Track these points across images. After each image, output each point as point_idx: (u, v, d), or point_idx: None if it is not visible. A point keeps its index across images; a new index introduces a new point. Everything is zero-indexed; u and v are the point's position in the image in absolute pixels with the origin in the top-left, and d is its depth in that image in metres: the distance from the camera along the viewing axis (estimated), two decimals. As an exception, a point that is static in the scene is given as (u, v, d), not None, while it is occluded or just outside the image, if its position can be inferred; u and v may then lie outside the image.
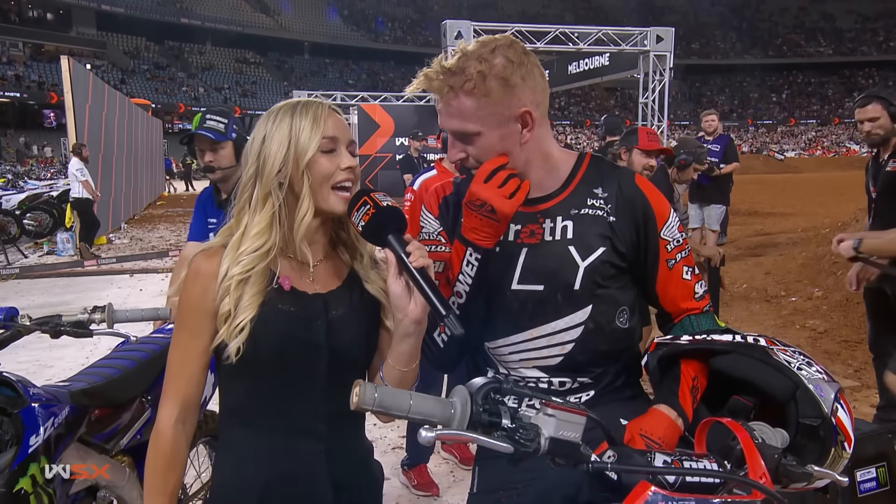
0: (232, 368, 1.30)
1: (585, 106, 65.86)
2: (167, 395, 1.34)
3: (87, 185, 11.57)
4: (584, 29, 13.97)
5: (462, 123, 1.38)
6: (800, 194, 17.51)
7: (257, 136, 1.36)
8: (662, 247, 1.48)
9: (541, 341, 1.46)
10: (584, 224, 1.45)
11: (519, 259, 1.46)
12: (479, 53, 1.36)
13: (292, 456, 1.35)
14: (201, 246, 1.37)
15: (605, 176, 1.51)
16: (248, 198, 1.35)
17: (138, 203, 19.43)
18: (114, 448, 2.16)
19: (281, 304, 1.31)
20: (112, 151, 15.23)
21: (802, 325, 6.31)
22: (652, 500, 0.91)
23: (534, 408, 0.96)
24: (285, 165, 1.31)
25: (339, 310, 1.37)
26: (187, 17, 57.71)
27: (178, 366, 1.34)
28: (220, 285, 1.30)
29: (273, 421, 1.35)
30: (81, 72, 13.24)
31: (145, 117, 22.57)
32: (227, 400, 1.39)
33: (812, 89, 69.38)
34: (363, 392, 0.91)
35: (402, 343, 1.29)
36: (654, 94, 13.47)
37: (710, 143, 8.41)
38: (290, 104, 1.37)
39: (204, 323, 1.31)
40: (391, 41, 65.87)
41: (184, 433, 1.34)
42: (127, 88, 44.53)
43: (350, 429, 1.43)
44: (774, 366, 1.25)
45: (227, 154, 2.81)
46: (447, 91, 1.37)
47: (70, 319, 2.01)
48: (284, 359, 1.31)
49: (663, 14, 65.78)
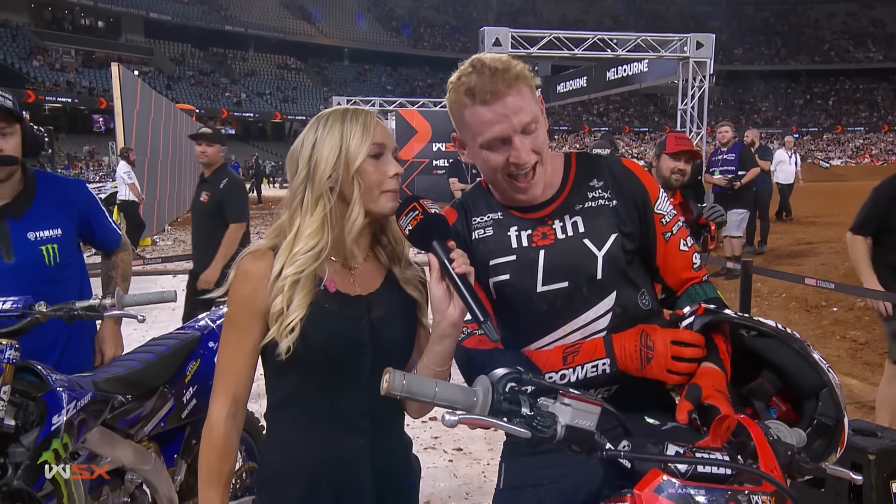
0: (281, 365, 1.36)
1: (624, 112, 65.18)
2: (218, 391, 1.41)
3: (134, 187, 11.94)
4: (623, 35, 13.89)
5: (530, 111, 1.42)
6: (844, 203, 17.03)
7: (307, 140, 1.41)
8: (658, 220, 1.56)
9: (575, 335, 1.52)
10: (591, 216, 1.52)
11: (539, 262, 1.51)
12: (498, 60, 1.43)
13: (338, 448, 1.42)
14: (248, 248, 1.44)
15: (594, 166, 1.59)
16: (300, 201, 1.40)
17: (181, 206, 19.90)
18: (138, 434, 2.27)
19: (328, 305, 1.38)
20: (158, 155, 15.67)
21: (843, 335, 6.19)
22: (663, 487, 0.96)
23: (552, 397, 1.02)
24: (336, 170, 1.37)
25: (380, 310, 1.44)
26: (231, 24, 58.94)
27: (227, 363, 1.41)
28: (272, 285, 1.36)
29: (320, 415, 1.42)
30: (130, 78, 13.67)
31: (190, 122, 23.10)
32: (276, 394, 1.45)
33: (860, 96, 67.42)
34: (392, 378, 0.99)
35: (439, 344, 1.35)
36: (694, 100, 13.31)
37: (724, 153, 8.45)
38: (340, 111, 1.43)
39: (253, 322, 1.38)
40: (430, 47, 66.18)
41: (235, 426, 1.41)
42: (172, 94, 45.66)
43: (391, 424, 1.51)
44: (809, 361, 1.30)
45: (16, 143, 2.19)
46: (510, 82, 1.40)
47: (83, 305, 2.12)
48: (331, 356, 1.38)
49: (705, 20, 64.69)
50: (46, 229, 2.27)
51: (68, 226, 2.34)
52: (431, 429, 4.22)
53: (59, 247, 2.29)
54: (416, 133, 20.63)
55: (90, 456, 2.05)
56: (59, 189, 2.37)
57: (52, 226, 2.28)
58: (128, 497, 2.28)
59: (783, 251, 10.25)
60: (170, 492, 2.38)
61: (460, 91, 1.43)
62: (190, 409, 2.46)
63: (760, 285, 7.64)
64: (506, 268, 1.53)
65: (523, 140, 1.43)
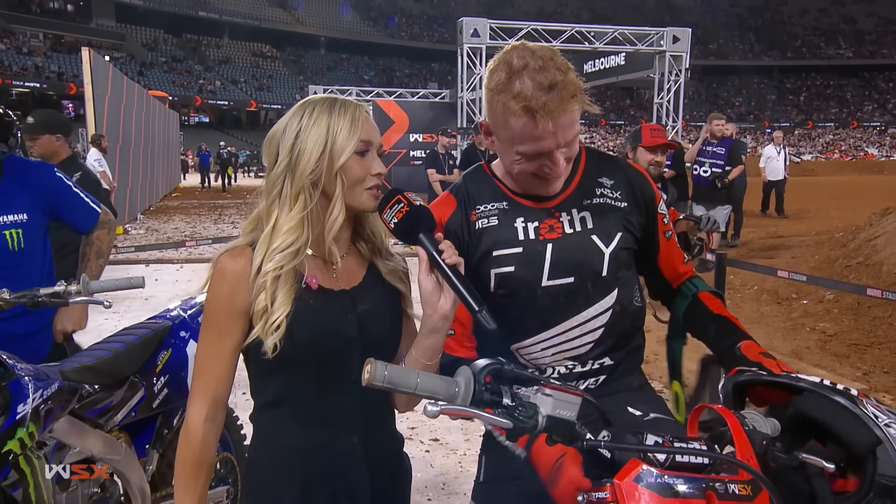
0: (267, 365, 1.31)
1: (601, 105, 65.23)
2: (196, 393, 1.36)
3: (105, 175, 11.70)
4: (601, 28, 13.96)
5: (577, 126, 1.39)
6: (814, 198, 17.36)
7: (290, 127, 1.34)
8: (660, 221, 1.59)
9: (574, 332, 1.51)
10: (600, 213, 1.52)
11: (546, 255, 1.49)
12: (547, 58, 1.34)
13: (330, 446, 1.38)
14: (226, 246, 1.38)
15: (606, 165, 1.58)
16: (278, 192, 1.34)
17: (154, 194, 19.62)
18: (108, 424, 2.24)
19: (312, 301, 1.34)
20: (129, 143, 15.40)
21: (813, 327, 6.31)
22: (643, 476, 0.97)
23: (533, 388, 1.02)
24: (319, 165, 1.31)
25: (366, 304, 1.40)
26: (205, 10, 58.05)
27: (206, 364, 1.36)
28: (253, 282, 1.31)
29: (311, 414, 1.38)
30: (101, 63, 13.39)
31: (162, 109, 22.76)
32: (264, 395, 1.41)
33: (831, 92, 68.63)
34: (374, 369, 0.98)
35: (429, 337, 1.32)
36: (670, 94, 13.44)
37: (714, 145, 8.38)
38: (328, 101, 1.36)
39: (233, 322, 1.33)
40: (407, 37, 65.87)
41: (213, 430, 1.36)
42: (145, 80, 44.84)
43: (383, 421, 1.48)
44: (859, 415, 1.13)
45: None
46: (565, 100, 1.33)
47: (47, 291, 2.08)
48: (319, 354, 1.34)
49: (681, 14, 65.29)
50: (10, 214, 2.24)
51: (34, 211, 2.31)
52: (408, 419, 4.22)
53: (23, 232, 2.27)
54: (393, 123, 20.54)
55: (58, 446, 2.02)
56: (25, 173, 2.33)
57: (17, 211, 2.26)
58: (98, 487, 2.25)
59: (755, 245, 10.41)
60: (141, 482, 2.34)
61: (509, 94, 1.34)
62: (161, 398, 2.42)
63: (733, 278, 7.76)
64: (510, 259, 1.49)
65: (563, 153, 1.39)
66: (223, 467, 2.71)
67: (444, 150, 9.57)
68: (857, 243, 7.98)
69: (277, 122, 1.40)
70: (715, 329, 1.53)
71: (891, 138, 60.87)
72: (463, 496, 3.43)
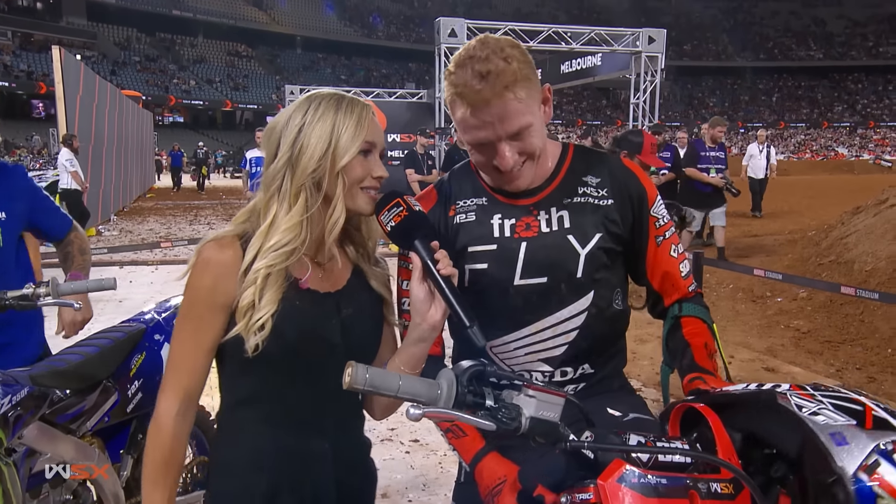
0: (243, 363, 1.27)
1: (577, 105, 66.00)
2: (168, 386, 1.31)
3: (77, 175, 11.53)
4: (578, 28, 14.05)
5: (520, 119, 1.34)
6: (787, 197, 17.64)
7: (293, 121, 1.30)
8: (652, 223, 1.52)
9: (546, 333, 1.48)
10: (578, 212, 1.48)
11: (519, 254, 1.46)
12: (496, 48, 1.33)
13: (301, 449, 1.35)
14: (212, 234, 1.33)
15: (593, 163, 1.54)
16: (278, 187, 1.30)
17: (128, 195, 19.34)
18: (80, 429, 2.20)
19: (299, 302, 1.29)
20: (102, 143, 15.18)
21: (787, 325, 6.41)
22: (626, 476, 0.96)
23: (516, 389, 1.01)
24: (322, 163, 1.27)
25: (350, 309, 1.36)
26: (179, 8, 57.40)
27: (180, 358, 1.30)
28: (241, 276, 1.26)
29: (284, 416, 1.34)
30: (72, 62, 13.17)
31: (136, 109, 22.45)
32: (235, 393, 1.36)
33: (802, 93, 69.84)
34: (355, 372, 0.96)
35: (415, 346, 1.30)
36: (646, 94, 13.56)
37: (714, 150, 8.54)
38: (335, 97, 1.32)
39: (214, 315, 1.28)
40: (385, 37, 65.75)
41: (185, 425, 1.31)
42: (117, 80, 44.24)
43: (353, 427, 1.45)
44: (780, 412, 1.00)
45: None
46: (499, 91, 1.31)
47: (15, 294, 2.04)
48: (300, 356, 1.30)
49: (656, 15, 65.99)
50: None
51: (11, 212, 2.27)
52: (388, 420, 4.19)
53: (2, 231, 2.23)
54: (370, 123, 20.47)
55: (28, 452, 1.97)
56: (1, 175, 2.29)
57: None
58: (70, 494, 2.20)
59: (730, 243, 10.52)
60: (115, 488, 2.30)
61: (450, 83, 1.36)
62: (135, 403, 2.38)
63: (709, 276, 7.84)
64: (485, 256, 1.47)
65: (509, 146, 1.37)
66: (200, 471, 2.67)
67: (422, 150, 9.55)
68: (829, 242, 8.11)
69: (279, 113, 1.35)
70: (678, 355, 1.48)
71: (860, 138, 62.11)
72: (444, 497, 3.42)
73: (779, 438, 1.02)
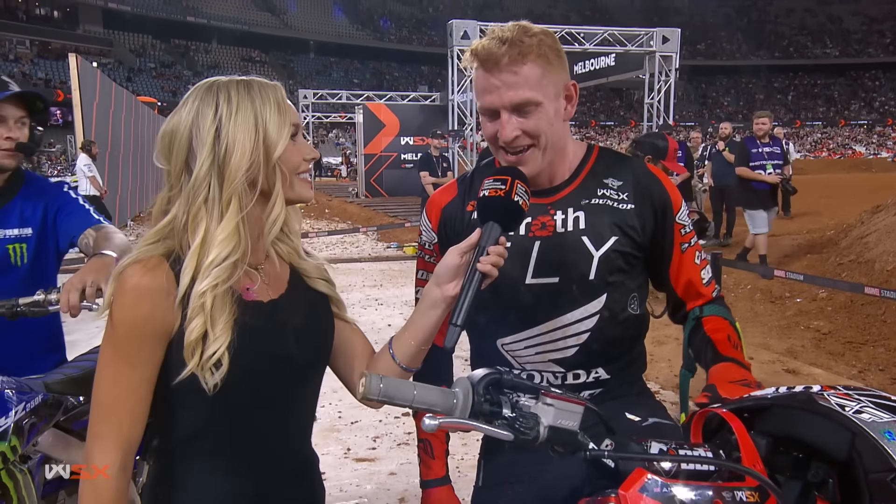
0: (182, 395, 1.13)
1: (590, 106, 65.77)
2: (102, 437, 1.12)
3: (95, 180, 11.63)
4: (591, 29, 14.00)
5: (528, 92, 1.33)
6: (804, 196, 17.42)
7: (201, 120, 1.14)
8: (677, 231, 1.50)
9: (557, 333, 1.47)
10: (595, 214, 1.46)
11: (532, 253, 1.45)
12: (526, 27, 1.36)
13: (260, 480, 1.22)
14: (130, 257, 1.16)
15: (616, 166, 1.52)
16: (204, 198, 1.14)
17: (144, 201, 19.48)
18: None
19: (248, 319, 1.15)
20: (119, 149, 15.31)
21: (807, 325, 6.32)
22: (648, 486, 0.94)
23: (533, 398, 0.99)
24: (254, 159, 1.14)
25: (298, 315, 1.23)
26: (193, 15, 57.89)
27: (114, 402, 1.12)
28: (180, 303, 1.11)
29: (239, 446, 1.20)
30: (89, 70, 13.32)
31: (151, 115, 22.63)
32: (177, 430, 1.19)
33: (818, 91, 69.12)
34: (369, 383, 0.94)
35: (425, 316, 1.24)
36: (660, 94, 13.47)
37: (766, 145, 8.09)
38: (242, 83, 1.17)
39: (152, 349, 1.12)
40: (396, 40, 65.89)
41: (125, 480, 1.14)
42: (133, 86, 44.67)
43: (306, 442, 1.35)
44: (822, 413, 0.97)
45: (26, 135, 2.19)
46: (514, 58, 1.32)
47: (26, 301, 2.04)
48: (257, 378, 1.17)
49: (669, 15, 65.62)
50: (16, 228, 2.20)
51: (40, 228, 2.26)
52: (405, 424, 4.18)
53: (27, 247, 2.22)
54: (384, 127, 20.55)
55: (43, 459, 1.97)
56: (40, 191, 2.29)
57: (23, 225, 2.21)
58: None
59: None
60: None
61: (470, 49, 1.37)
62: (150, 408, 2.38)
63: (727, 277, 7.77)
64: None
65: (511, 119, 1.35)
66: None
67: (436, 153, 9.53)
68: (848, 241, 8.00)
69: (173, 115, 1.18)
70: (702, 352, 1.46)
71: (878, 136, 61.33)
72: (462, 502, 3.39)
73: (821, 440, 0.98)
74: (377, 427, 4.18)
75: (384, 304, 7.41)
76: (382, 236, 13.31)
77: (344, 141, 45.92)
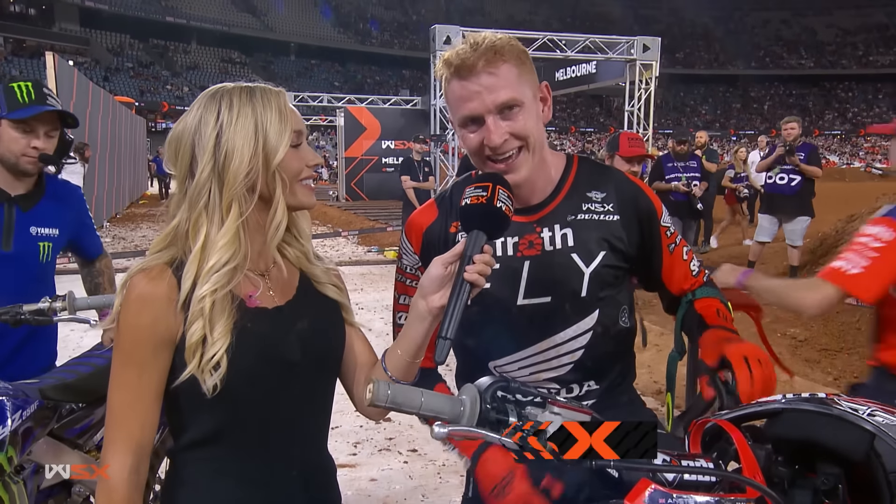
0: (192, 400, 1.16)
1: (570, 112, 66.21)
2: (115, 442, 1.16)
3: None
4: (572, 36, 14.10)
5: (510, 91, 1.31)
6: (780, 204, 17.69)
7: (204, 125, 1.16)
8: (663, 233, 1.52)
9: (551, 352, 1.46)
10: (583, 230, 1.44)
11: (523, 273, 1.44)
12: (492, 36, 1.34)
13: (270, 485, 1.23)
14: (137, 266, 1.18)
15: (597, 177, 1.50)
16: (205, 203, 1.16)
17: (121, 202, 19.23)
18: (87, 444, 2.16)
19: (251, 325, 1.17)
20: (95, 149, 15.07)
21: (783, 333, 6.40)
22: (652, 497, 0.95)
23: (540, 406, 0.99)
24: (253, 164, 1.15)
25: (305, 321, 1.25)
26: (172, 15, 57.30)
27: (126, 408, 1.16)
28: (181, 308, 1.14)
29: (247, 451, 1.22)
30: (66, 68, 13.10)
31: (129, 115, 22.35)
32: (186, 434, 1.22)
33: (793, 101, 70.28)
34: (377, 389, 0.94)
35: (412, 328, 1.20)
36: (640, 102, 13.61)
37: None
38: (245, 90, 1.19)
39: (158, 356, 1.15)
40: (378, 44, 65.83)
41: (139, 484, 1.17)
42: (110, 86, 44.06)
43: (320, 447, 1.35)
44: (837, 415, 0.99)
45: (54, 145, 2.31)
46: (490, 59, 1.30)
47: (31, 308, 2.02)
48: (261, 383, 1.19)
49: (648, 23, 66.38)
50: (47, 227, 2.29)
51: (63, 228, 2.37)
52: (386, 430, 4.17)
53: (53, 246, 2.31)
54: (364, 130, 20.52)
55: (36, 468, 1.93)
56: (61, 192, 2.41)
57: (52, 225, 2.32)
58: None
59: (724, 251, 10.58)
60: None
61: (442, 61, 1.35)
62: None
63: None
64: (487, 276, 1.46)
65: (497, 122, 1.32)
66: None
67: (418, 157, 9.50)
68: (823, 249, 8.13)
69: (180, 121, 1.20)
70: (693, 329, 1.49)
71: (851, 146, 62.53)
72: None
73: (838, 441, 0.99)
74: (358, 433, 4.16)
75: (364, 308, 7.38)
76: (363, 240, 13.27)
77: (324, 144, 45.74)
